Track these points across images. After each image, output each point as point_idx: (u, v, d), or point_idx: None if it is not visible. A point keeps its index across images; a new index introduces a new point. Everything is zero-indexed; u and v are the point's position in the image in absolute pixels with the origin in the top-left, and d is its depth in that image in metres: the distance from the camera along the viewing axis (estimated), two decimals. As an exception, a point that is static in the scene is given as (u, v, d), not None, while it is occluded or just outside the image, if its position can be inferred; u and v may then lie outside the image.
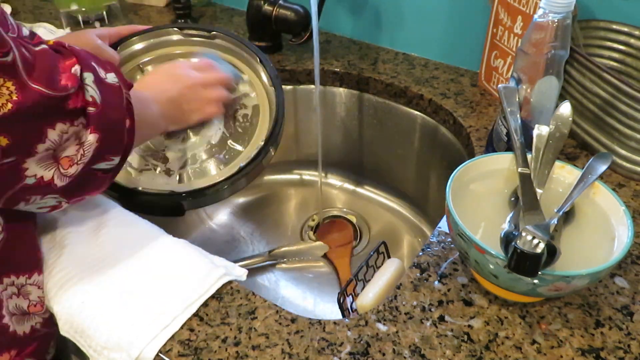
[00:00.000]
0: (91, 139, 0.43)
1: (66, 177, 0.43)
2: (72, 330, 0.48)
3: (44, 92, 0.38)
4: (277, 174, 1.03)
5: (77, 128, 0.42)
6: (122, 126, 0.46)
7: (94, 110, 0.42)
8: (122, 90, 0.46)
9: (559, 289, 0.42)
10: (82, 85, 0.42)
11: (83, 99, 0.42)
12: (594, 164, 0.50)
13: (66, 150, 0.42)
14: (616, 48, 0.71)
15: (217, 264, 0.51)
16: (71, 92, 0.40)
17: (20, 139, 0.39)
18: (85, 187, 0.46)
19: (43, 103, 0.39)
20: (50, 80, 0.39)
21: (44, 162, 0.41)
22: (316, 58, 0.76)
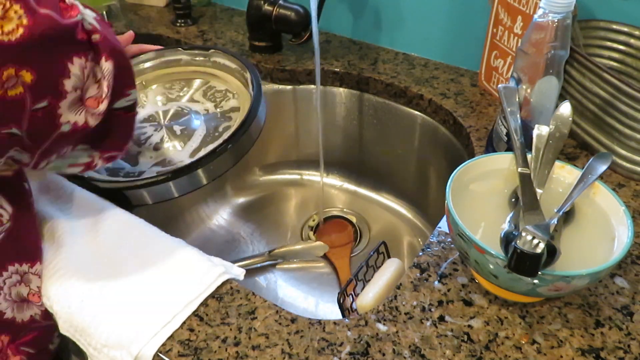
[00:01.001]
0: (108, 66, 0.42)
1: (98, 115, 0.42)
2: (72, 329, 0.48)
3: (54, 17, 0.37)
4: (277, 174, 1.03)
5: (92, 64, 0.41)
6: (124, 52, 0.45)
7: (98, 37, 0.41)
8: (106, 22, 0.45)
9: (559, 289, 0.42)
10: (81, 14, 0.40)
11: (85, 29, 0.40)
12: (594, 164, 0.50)
13: (89, 91, 0.41)
14: (616, 48, 0.71)
15: (216, 263, 0.52)
16: (78, 19, 0.39)
17: (44, 73, 0.37)
18: (115, 132, 0.46)
19: (54, 31, 0.37)
20: (56, 7, 0.38)
21: (74, 106, 0.41)
22: (317, 58, 0.76)
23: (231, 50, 0.73)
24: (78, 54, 0.39)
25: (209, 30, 1.02)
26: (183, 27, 1.02)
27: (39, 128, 0.39)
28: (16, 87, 0.36)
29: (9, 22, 0.34)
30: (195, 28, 1.03)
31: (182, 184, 0.61)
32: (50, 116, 0.39)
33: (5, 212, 0.49)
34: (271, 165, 1.02)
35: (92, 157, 0.46)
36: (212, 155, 0.60)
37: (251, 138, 0.65)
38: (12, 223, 0.49)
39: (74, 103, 0.40)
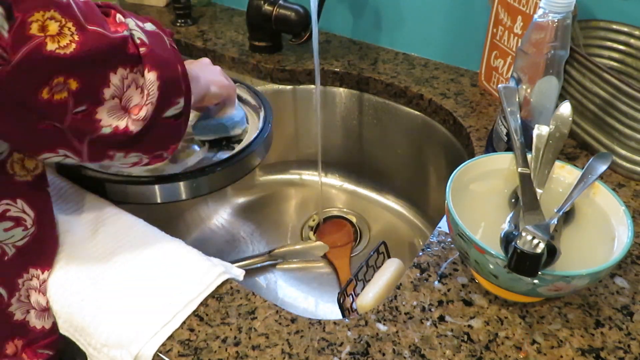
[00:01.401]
0: (151, 77, 0.44)
1: (138, 121, 0.45)
2: (72, 329, 0.48)
3: (101, 32, 0.40)
4: (277, 174, 1.03)
5: (135, 75, 0.43)
6: (175, 65, 0.47)
7: (145, 49, 0.44)
8: (164, 36, 0.48)
9: (559, 289, 0.42)
10: (129, 30, 0.44)
11: (134, 43, 0.43)
12: (594, 164, 0.50)
13: (132, 100, 0.44)
14: (616, 48, 0.71)
15: (215, 263, 0.52)
16: (126, 34, 0.43)
17: (88, 83, 0.40)
18: (160, 136, 0.48)
19: (104, 44, 0.40)
20: (103, 25, 0.41)
21: (115, 112, 0.43)
22: (316, 58, 0.76)
23: (254, 87, 0.76)
24: (124, 65, 0.43)
25: (209, 30, 1.02)
26: (183, 27, 1.02)
27: (79, 127, 0.42)
28: (62, 92, 0.39)
29: (64, 37, 0.38)
30: (195, 28, 1.03)
31: (164, 192, 0.61)
32: (88, 119, 0.42)
33: (29, 217, 0.50)
34: (271, 165, 1.02)
35: (140, 158, 0.49)
36: (199, 172, 0.61)
37: (246, 168, 0.66)
38: (37, 228, 0.50)
39: (114, 109, 0.43)
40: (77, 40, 0.38)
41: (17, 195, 0.48)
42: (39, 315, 0.51)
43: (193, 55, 0.98)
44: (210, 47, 0.96)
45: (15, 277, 0.49)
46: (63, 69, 0.38)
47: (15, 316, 0.50)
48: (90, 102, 0.41)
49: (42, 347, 0.52)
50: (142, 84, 0.44)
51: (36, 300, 0.51)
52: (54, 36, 0.37)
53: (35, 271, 0.51)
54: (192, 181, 0.61)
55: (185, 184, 0.61)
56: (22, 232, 0.49)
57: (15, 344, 0.51)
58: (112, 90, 0.42)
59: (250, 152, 0.65)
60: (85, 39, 0.39)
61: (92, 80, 0.41)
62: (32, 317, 0.51)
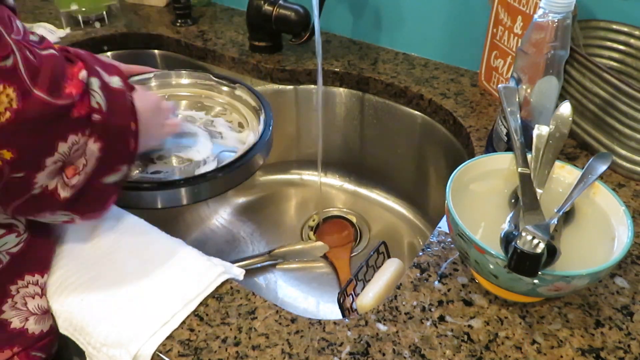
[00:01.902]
0: (93, 148, 0.42)
1: (69, 188, 0.42)
2: (72, 328, 0.48)
3: (47, 100, 0.37)
4: (277, 174, 1.03)
5: (85, 139, 0.41)
6: (128, 132, 0.45)
7: (98, 117, 0.41)
8: (127, 94, 0.45)
9: (559, 289, 0.42)
10: (88, 91, 0.41)
11: (89, 106, 0.40)
12: (594, 164, 0.50)
13: (73, 162, 0.42)
14: (616, 48, 0.71)
15: (215, 263, 0.52)
16: (76, 99, 0.39)
17: (27, 153, 0.38)
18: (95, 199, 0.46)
19: (46, 112, 0.37)
20: (55, 87, 0.38)
21: (52, 174, 0.41)
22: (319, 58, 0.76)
23: (255, 88, 0.75)
24: (75, 132, 0.39)
25: (209, 30, 1.02)
26: (183, 27, 1.02)
27: (13, 189, 0.40)
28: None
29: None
30: (195, 28, 1.03)
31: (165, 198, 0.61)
32: (25, 183, 0.40)
33: (21, 224, 0.49)
34: (271, 165, 1.02)
35: (72, 218, 0.46)
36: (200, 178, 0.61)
37: (246, 172, 0.66)
38: (30, 233, 0.49)
39: (52, 172, 0.41)
40: (15, 109, 0.35)
41: None
42: (39, 320, 0.50)
43: (193, 55, 0.98)
44: (210, 47, 0.96)
45: (7, 284, 0.49)
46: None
47: (12, 324, 0.49)
48: (29, 169, 0.39)
49: (36, 350, 0.51)
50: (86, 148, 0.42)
51: (36, 305, 0.50)
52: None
53: (31, 277, 0.50)
54: (193, 187, 0.61)
55: (186, 190, 0.61)
56: (15, 239, 0.48)
57: (13, 351, 0.50)
58: (55, 157, 0.39)
59: (252, 157, 0.64)
60: (25, 106, 0.35)
61: (32, 149, 0.38)
62: (31, 323, 0.50)
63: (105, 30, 1.01)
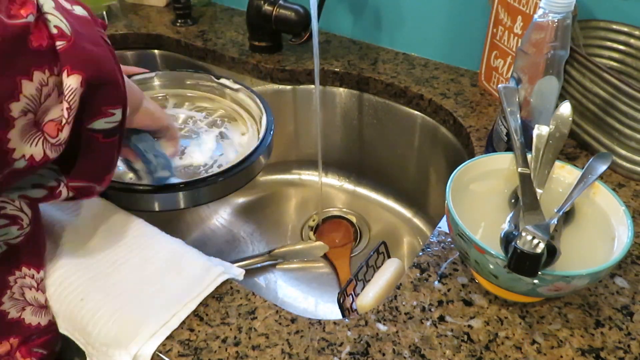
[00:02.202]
0: (71, 82, 0.33)
1: (57, 146, 0.35)
2: (71, 328, 0.48)
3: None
4: (277, 174, 1.03)
5: (55, 78, 0.33)
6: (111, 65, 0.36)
7: (64, 43, 0.33)
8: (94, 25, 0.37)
9: (559, 289, 0.42)
10: (42, 15, 0.32)
11: (47, 33, 0.32)
12: (594, 164, 0.50)
13: (49, 113, 0.34)
14: (616, 48, 0.71)
15: (215, 263, 0.52)
16: (29, 20, 0.31)
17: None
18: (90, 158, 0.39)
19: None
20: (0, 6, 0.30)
21: (28, 134, 0.33)
22: (316, 58, 0.76)
23: (255, 90, 0.75)
24: (39, 67, 0.32)
25: (209, 30, 1.02)
26: (183, 27, 1.02)
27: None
28: None
29: None
30: (195, 28, 1.03)
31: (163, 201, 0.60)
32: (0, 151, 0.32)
33: (26, 217, 0.49)
34: (271, 165, 1.02)
35: (59, 182, 0.39)
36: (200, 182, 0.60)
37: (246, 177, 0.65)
38: (32, 227, 0.49)
39: (26, 130, 0.32)
40: None
41: None
42: (36, 311, 0.50)
43: (193, 56, 0.98)
44: (210, 47, 0.96)
45: (6, 275, 0.48)
46: None
47: (9, 314, 0.49)
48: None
49: (37, 346, 0.51)
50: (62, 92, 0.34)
51: (33, 297, 0.50)
52: None
53: (28, 270, 0.50)
54: (192, 191, 0.60)
55: (184, 194, 0.60)
56: (17, 231, 0.48)
57: (11, 343, 0.50)
58: (22, 103, 0.31)
59: (252, 161, 0.64)
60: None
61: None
62: (27, 314, 0.50)
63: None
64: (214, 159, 0.68)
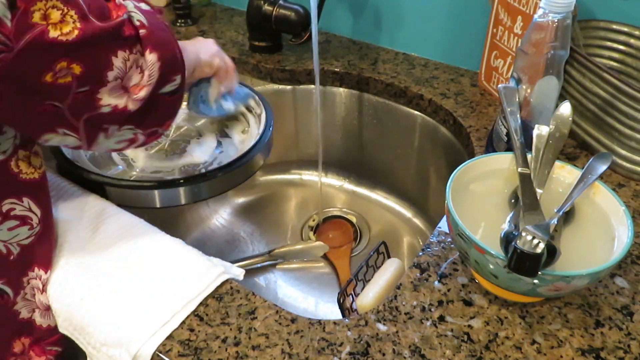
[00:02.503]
0: (152, 58, 0.45)
1: (137, 101, 0.46)
2: (71, 328, 0.48)
3: (99, 25, 0.41)
4: (277, 174, 1.03)
5: (135, 56, 0.44)
6: (172, 44, 0.48)
7: (145, 32, 0.45)
8: (158, 15, 0.48)
9: (559, 289, 0.42)
10: (129, 13, 0.44)
11: (133, 25, 0.44)
12: (594, 164, 0.50)
13: (132, 79, 0.45)
14: (616, 48, 0.71)
15: (215, 263, 0.52)
16: (124, 18, 0.43)
17: (91, 67, 0.41)
18: (157, 112, 0.49)
19: (103, 33, 0.41)
20: (103, 16, 0.42)
21: (116, 92, 0.44)
22: (316, 58, 0.76)
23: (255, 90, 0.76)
24: (122, 48, 0.43)
25: (209, 30, 1.02)
26: (183, 27, 1.02)
27: (79, 106, 0.43)
28: (66, 77, 0.40)
29: (66, 25, 0.39)
30: (195, 28, 1.03)
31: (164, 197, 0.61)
32: (89, 98, 0.43)
33: (35, 216, 0.50)
34: (271, 165, 1.02)
35: (136, 134, 0.49)
36: (200, 178, 0.61)
37: (246, 173, 0.66)
38: (42, 227, 0.50)
39: (115, 89, 0.44)
40: (79, 27, 0.39)
41: (23, 194, 0.48)
42: (43, 314, 0.51)
43: (193, 55, 0.98)
44: (210, 47, 0.96)
45: (20, 276, 0.49)
46: (66, 55, 0.39)
47: (20, 314, 0.50)
48: (93, 83, 0.42)
49: (50, 344, 0.52)
50: (142, 64, 0.45)
51: (39, 299, 0.51)
52: (56, 24, 0.38)
53: (38, 271, 0.51)
54: (192, 187, 0.61)
55: (185, 190, 0.61)
56: (27, 231, 0.49)
57: (22, 342, 0.51)
58: (115, 72, 0.43)
59: (252, 157, 0.64)
60: (85, 27, 0.40)
61: (96, 64, 0.42)
62: (37, 316, 0.51)
63: (105, 30, 1.01)
64: (214, 157, 0.68)
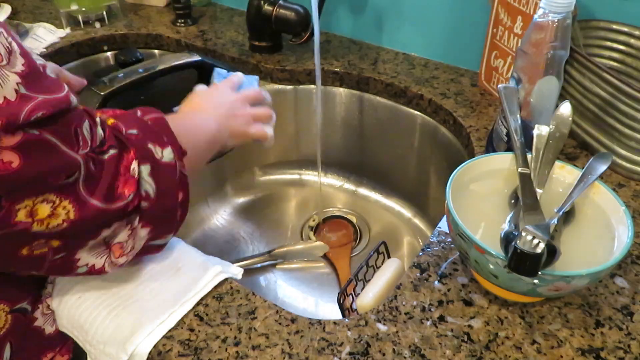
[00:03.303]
0: (142, 233, 0.43)
1: (116, 266, 0.43)
2: (70, 326, 0.48)
3: (101, 208, 0.38)
4: (277, 174, 1.03)
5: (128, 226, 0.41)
6: (175, 207, 0.45)
7: (147, 204, 0.41)
8: (177, 166, 0.44)
9: (559, 289, 0.42)
10: (140, 184, 0.40)
11: (139, 196, 0.41)
12: (594, 164, 0.50)
13: (118, 237, 0.41)
14: (616, 48, 0.71)
15: (213, 262, 0.52)
16: (129, 200, 0.40)
17: (73, 241, 0.39)
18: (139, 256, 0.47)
19: (100, 216, 0.38)
20: (109, 193, 0.38)
21: (95, 250, 0.41)
22: (317, 58, 0.76)
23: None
24: (120, 222, 0.40)
25: (209, 30, 1.02)
26: (183, 27, 1.02)
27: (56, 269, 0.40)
28: (42, 248, 0.37)
29: (55, 218, 0.35)
30: (195, 28, 1.03)
31: None
32: (66, 261, 0.40)
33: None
34: (271, 165, 1.02)
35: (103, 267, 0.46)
36: None
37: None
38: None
39: (96, 247, 0.41)
40: (71, 219, 0.36)
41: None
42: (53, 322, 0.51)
43: (193, 55, 0.98)
44: (210, 47, 0.96)
45: (40, 289, 0.49)
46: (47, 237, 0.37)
47: (46, 331, 0.49)
48: (71, 249, 0.40)
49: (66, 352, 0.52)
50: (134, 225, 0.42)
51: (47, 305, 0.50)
52: (43, 219, 0.35)
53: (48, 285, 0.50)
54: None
55: None
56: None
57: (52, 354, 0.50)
58: (98, 239, 0.40)
59: None
60: (81, 214, 0.37)
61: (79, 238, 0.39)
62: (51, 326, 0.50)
63: (105, 30, 1.01)
64: None
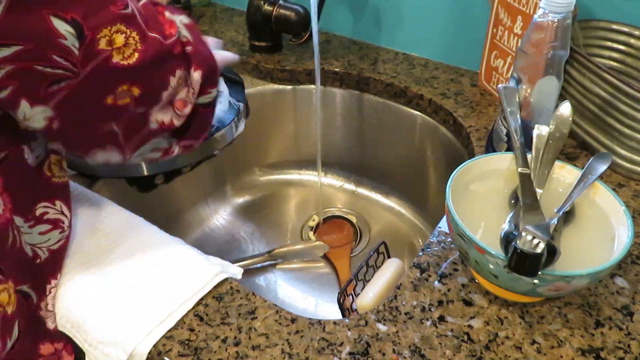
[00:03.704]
0: (196, 76, 0.46)
1: (182, 117, 0.46)
2: (69, 325, 0.48)
3: (160, 40, 0.41)
4: (277, 174, 1.03)
5: (185, 72, 0.45)
6: (213, 59, 0.49)
7: (191, 49, 0.45)
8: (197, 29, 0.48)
9: (559, 289, 0.42)
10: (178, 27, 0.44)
11: (181, 42, 0.44)
12: (594, 164, 0.50)
13: (179, 94, 0.45)
14: (616, 48, 0.71)
15: (213, 262, 0.52)
16: (176, 37, 0.43)
17: (150, 88, 0.42)
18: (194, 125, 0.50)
19: (160, 51, 0.42)
20: (160, 30, 0.42)
21: (164, 108, 0.45)
22: (317, 58, 0.76)
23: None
24: (179, 67, 0.44)
25: (209, 30, 1.02)
26: (183, 27, 1.02)
27: (133, 124, 0.44)
28: (125, 98, 0.41)
29: (128, 47, 0.39)
30: (195, 28, 1.03)
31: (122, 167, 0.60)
32: (143, 117, 0.44)
33: (66, 219, 0.50)
34: (271, 165, 1.02)
35: (171, 144, 0.50)
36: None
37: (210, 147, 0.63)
38: (70, 231, 0.50)
39: (164, 106, 0.45)
40: (140, 49, 0.40)
41: (55, 197, 0.48)
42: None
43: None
44: (210, 47, 0.96)
45: (44, 283, 0.49)
46: (127, 78, 0.40)
47: (47, 324, 0.49)
48: (149, 103, 0.43)
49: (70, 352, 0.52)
50: (189, 82, 0.46)
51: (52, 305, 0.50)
52: (120, 48, 0.39)
53: (55, 281, 0.50)
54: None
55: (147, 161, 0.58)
56: (58, 235, 0.49)
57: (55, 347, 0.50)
58: (169, 91, 0.44)
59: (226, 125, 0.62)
60: (146, 47, 0.40)
61: (154, 85, 0.43)
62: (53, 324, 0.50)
63: (105, 30, 1.01)
64: None
